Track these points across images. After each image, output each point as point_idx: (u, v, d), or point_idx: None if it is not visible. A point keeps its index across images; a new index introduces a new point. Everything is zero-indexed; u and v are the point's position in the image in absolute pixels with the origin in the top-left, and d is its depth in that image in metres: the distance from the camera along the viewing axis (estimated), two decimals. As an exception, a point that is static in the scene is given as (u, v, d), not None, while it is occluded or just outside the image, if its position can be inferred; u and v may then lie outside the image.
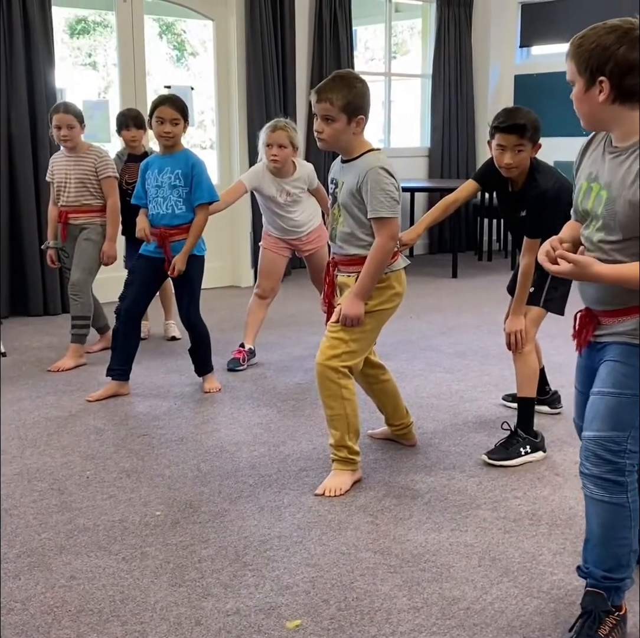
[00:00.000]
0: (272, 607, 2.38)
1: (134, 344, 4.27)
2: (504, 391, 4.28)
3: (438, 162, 8.79)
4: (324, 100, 2.96)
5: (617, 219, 2.05)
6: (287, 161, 4.54)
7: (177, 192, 4.07)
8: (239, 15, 7.01)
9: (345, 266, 3.18)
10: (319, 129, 3.01)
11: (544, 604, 2.38)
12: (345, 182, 3.08)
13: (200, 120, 9.43)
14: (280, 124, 4.52)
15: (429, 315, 6.01)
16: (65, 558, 2.65)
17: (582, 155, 2.25)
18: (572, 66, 2.06)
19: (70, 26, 10.60)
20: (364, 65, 10.31)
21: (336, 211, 3.13)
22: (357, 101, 2.98)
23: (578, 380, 2.38)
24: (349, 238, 3.11)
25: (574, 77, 2.06)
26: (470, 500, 3.06)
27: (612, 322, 2.16)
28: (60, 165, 4.78)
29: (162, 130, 4.02)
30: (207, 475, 3.29)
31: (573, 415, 2.43)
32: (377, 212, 3.00)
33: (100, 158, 4.75)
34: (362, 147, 3.08)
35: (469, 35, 8.78)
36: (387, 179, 3.00)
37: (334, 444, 3.17)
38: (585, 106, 2.08)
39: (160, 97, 4.17)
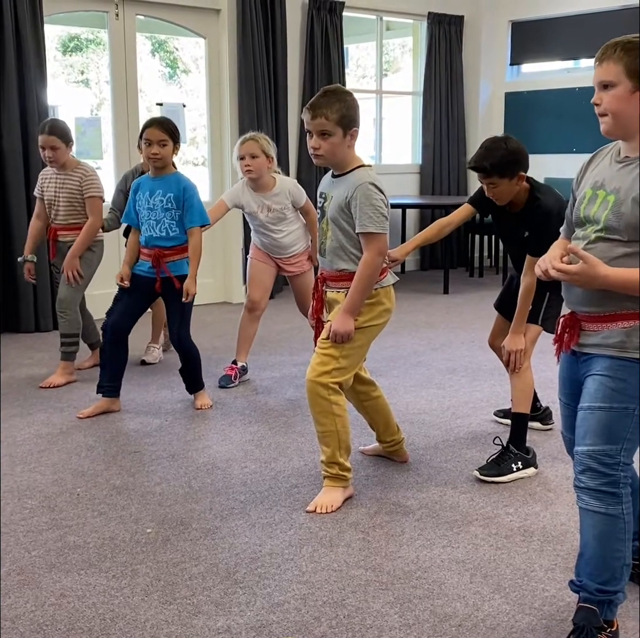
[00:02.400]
0: (263, 624, 2.37)
1: (122, 360, 4.25)
2: (496, 407, 4.29)
3: (429, 179, 8.83)
4: (319, 115, 2.99)
5: (624, 219, 2.09)
6: (262, 171, 4.48)
7: (170, 215, 4.09)
8: (230, 33, 7.04)
9: (334, 282, 3.18)
10: (316, 145, 3.02)
11: (535, 621, 2.38)
12: (334, 197, 3.09)
13: (193, 137, 9.48)
14: (249, 135, 4.54)
15: (421, 331, 6.02)
16: (55, 576, 2.64)
17: (585, 169, 2.30)
18: (616, 68, 2.09)
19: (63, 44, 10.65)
20: (355, 83, 10.39)
21: (325, 225, 3.15)
22: (350, 114, 3.03)
23: (562, 392, 2.39)
24: (338, 252, 3.12)
25: (619, 78, 2.09)
26: (462, 516, 3.05)
27: (596, 329, 2.17)
28: (50, 182, 4.77)
29: (150, 152, 4.03)
30: (198, 492, 3.28)
31: (562, 429, 2.44)
32: (365, 227, 3.01)
33: (86, 177, 4.70)
34: (354, 162, 3.11)
35: (459, 53, 8.84)
36: (377, 194, 3.02)
37: (325, 461, 3.17)
38: (626, 108, 2.10)
39: (149, 120, 4.17)
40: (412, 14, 8.55)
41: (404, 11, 8.48)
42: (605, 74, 2.12)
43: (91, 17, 6.73)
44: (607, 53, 2.12)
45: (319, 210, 3.21)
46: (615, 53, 2.10)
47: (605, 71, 2.12)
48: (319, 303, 3.26)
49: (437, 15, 8.55)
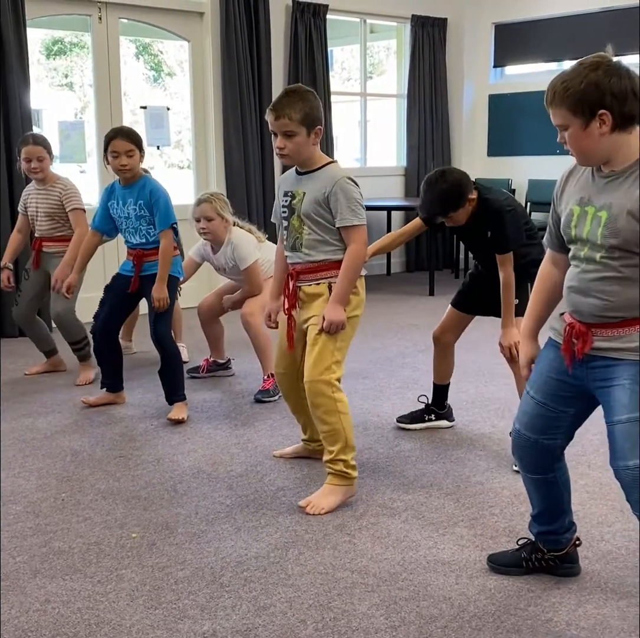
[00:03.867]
0: (249, 628, 2.36)
1: (116, 358, 4.35)
2: (480, 408, 4.30)
3: (414, 181, 8.83)
4: (282, 116, 3.01)
5: (622, 235, 2.10)
6: (217, 233, 4.51)
7: (145, 220, 4.11)
8: (214, 36, 7.04)
9: (312, 274, 3.18)
10: (281, 145, 3.05)
11: (521, 621, 2.38)
12: (307, 193, 3.11)
13: (178, 140, 9.45)
14: (203, 196, 4.55)
15: (407, 333, 6.02)
16: (40, 582, 2.63)
17: (564, 183, 2.32)
18: (561, 112, 2.11)
19: (47, 47, 10.61)
20: (340, 86, 10.39)
21: (295, 222, 3.16)
22: (313, 113, 3.05)
23: (541, 391, 2.37)
24: (318, 244, 3.13)
25: (567, 120, 2.11)
26: (448, 517, 3.06)
27: (612, 334, 2.18)
28: (32, 197, 4.80)
29: (119, 164, 4.02)
30: (184, 496, 3.27)
31: (519, 427, 2.44)
32: (349, 220, 3.06)
33: (65, 191, 4.72)
34: (321, 159, 3.16)
35: (443, 55, 8.87)
36: (355, 187, 3.10)
37: (331, 458, 3.13)
38: (586, 143, 2.13)
39: (112, 131, 4.15)
40: (395, 16, 8.57)
41: (388, 14, 8.49)
42: (555, 119, 2.14)
43: (74, 21, 6.71)
44: (549, 99, 2.13)
45: (285, 208, 3.20)
46: (555, 98, 2.11)
47: (555, 116, 2.14)
48: (292, 300, 3.24)
49: (421, 17, 8.57)
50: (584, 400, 2.34)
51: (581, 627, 2.34)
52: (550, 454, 2.43)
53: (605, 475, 3.41)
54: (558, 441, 2.42)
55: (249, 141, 7.23)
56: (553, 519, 2.54)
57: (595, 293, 2.18)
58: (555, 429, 2.39)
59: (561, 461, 2.48)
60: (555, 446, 2.42)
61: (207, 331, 4.91)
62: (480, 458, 3.64)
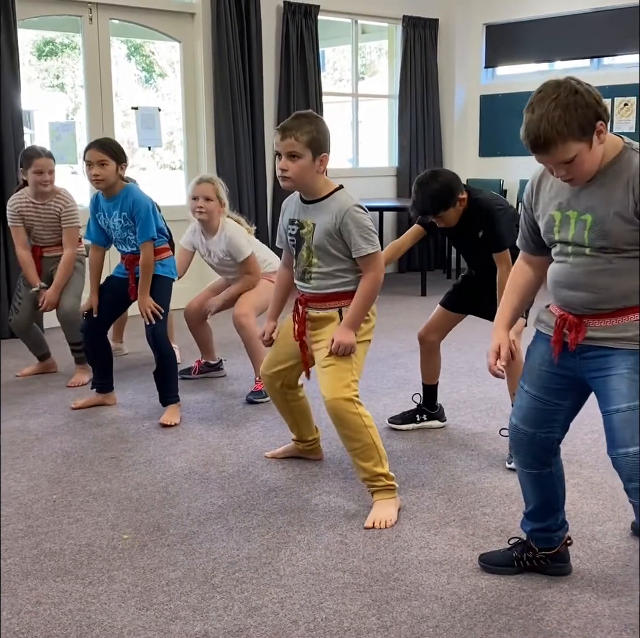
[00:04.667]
0: (240, 628, 2.36)
1: (105, 358, 4.37)
2: (472, 408, 4.31)
3: (406, 181, 8.84)
4: (288, 136, 2.95)
5: (612, 237, 2.11)
6: (212, 215, 4.49)
7: (132, 230, 4.12)
8: (205, 37, 7.04)
9: (321, 303, 3.15)
10: (284, 166, 2.98)
11: (512, 620, 2.38)
12: (318, 224, 3.06)
13: (169, 141, 9.44)
14: (206, 177, 4.56)
15: (399, 333, 6.03)
16: (31, 584, 2.62)
17: (537, 188, 2.33)
18: (566, 145, 2.05)
19: (38, 48, 10.59)
20: (332, 86, 10.39)
21: (305, 253, 3.11)
22: (320, 138, 2.99)
23: (535, 385, 2.39)
24: (326, 277, 3.10)
25: (575, 150, 2.06)
26: (439, 517, 3.06)
27: (605, 324, 2.19)
28: (29, 212, 4.76)
29: (91, 173, 4.03)
30: (176, 497, 3.27)
31: (516, 422, 2.44)
32: (365, 250, 3.02)
33: (67, 207, 4.75)
34: (327, 186, 3.09)
35: (434, 56, 8.87)
36: (364, 215, 3.06)
37: (369, 477, 3.07)
38: (593, 160, 2.11)
39: (90, 142, 4.19)
40: (387, 17, 8.58)
41: (379, 14, 8.49)
42: (560, 156, 2.08)
43: (65, 22, 6.69)
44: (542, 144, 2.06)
45: (293, 238, 3.16)
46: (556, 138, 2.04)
47: (558, 154, 2.08)
48: (302, 326, 3.20)
49: (412, 18, 8.58)
50: (577, 391, 2.36)
51: (572, 626, 2.35)
52: (547, 447, 2.45)
53: (596, 474, 3.41)
54: (555, 435, 2.43)
55: (240, 142, 7.22)
56: (547, 516, 2.55)
57: (586, 287, 2.19)
58: (551, 422, 2.40)
59: (557, 455, 2.49)
60: (552, 440, 2.44)
61: (195, 334, 4.89)
62: (472, 458, 3.64)
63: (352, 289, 3.09)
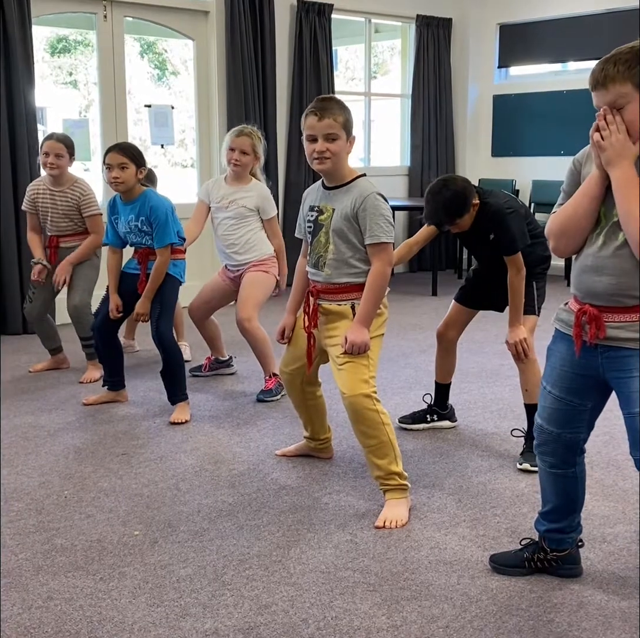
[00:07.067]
0: (250, 626, 2.37)
1: (116, 356, 4.37)
2: (483, 408, 4.30)
3: (418, 181, 8.84)
4: (327, 117, 2.97)
5: None
6: (247, 168, 4.51)
7: (149, 236, 4.14)
8: (219, 35, 7.04)
9: (333, 295, 3.14)
10: (323, 148, 2.97)
11: (522, 622, 2.38)
12: (337, 209, 3.05)
13: (182, 139, 9.46)
14: (246, 130, 4.54)
15: (409, 333, 6.03)
16: (43, 579, 2.63)
17: (587, 157, 2.28)
18: (623, 88, 2.07)
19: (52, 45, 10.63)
20: (344, 85, 10.40)
21: (322, 239, 3.10)
22: (351, 120, 3.04)
23: (559, 387, 2.39)
24: (340, 265, 3.08)
25: (630, 97, 2.08)
26: (450, 517, 3.06)
27: (624, 319, 2.18)
28: (45, 198, 4.78)
29: (111, 176, 4.05)
30: (186, 494, 3.28)
31: (542, 422, 2.44)
32: (378, 237, 3.00)
33: (84, 196, 4.75)
34: (351, 173, 3.10)
35: (448, 55, 8.86)
36: (384, 204, 3.04)
37: (383, 475, 3.07)
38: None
39: (111, 145, 4.20)
40: (400, 16, 8.57)
41: (393, 14, 8.48)
42: (611, 96, 2.09)
43: (79, 19, 6.71)
44: (600, 79, 2.09)
45: (310, 224, 3.16)
46: (615, 75, 2.07)
47: (610, 95, 2.09)
48: (314, 319, 3.18)
49: (426, 17, 8.57)
50: (599, 390, 2.37)
51: (583, 628, 2.34)
52: (573, 447, 2.45)
53: (608, 476, 3.41)
54: (581, 435, 2.44)
55: (253, 140, 7.21)
56: (564, 517, 2.54)
57: (612, 271, 2.17)
58: (577, 422, 2.41)
59: (582, 455, 2.50)
60: (578, 439, 2.44)
61: (202, 331, 4.86)
62: (483, 459, 3.64)
63: (364, 281, 3.08)
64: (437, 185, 3.51)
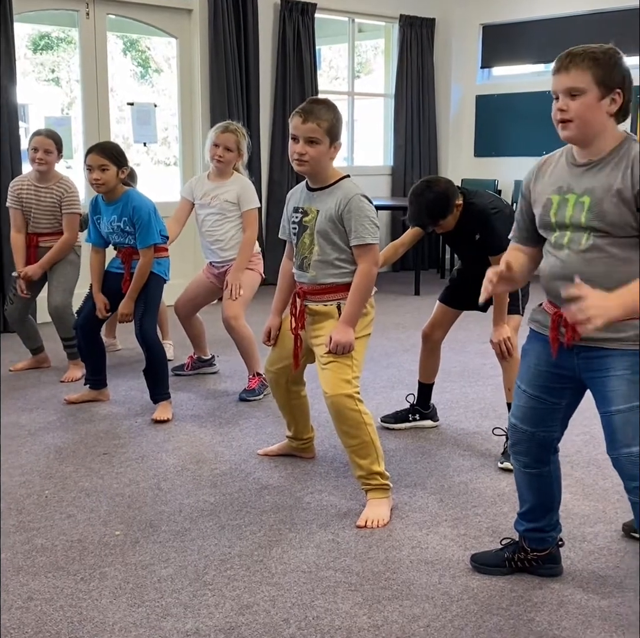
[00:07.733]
0: (232, 626, 2.36)
1: (98, 354, 4.36)
2: (465, 408, 4.31)
3: (401, 180, 8.85)
4: (310, 121, 2.94)
5: (608, 218, 2.15)
6: (230, 165, 4.51)
7: (132, 235, 4.12)
8: (202, 34, 7.02)
9: (319, 296, 3.13)
10: (302, 151, 2.96)
11: (503, 621, 2.39)
12: (321, 210, 3.05)
13: (165, 137, 9.43)
14: (231, 126, 4.52)
15: (392, 332, 6.03)
16: (23, 579, 2.62)
17: (536, 176, 2.38)
18: (583, 76, 2.16)
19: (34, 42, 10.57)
20: (328, 85, 10.39)
21: (307, 240, 3.10)
22: (338, 126, 3.01)
23: (532, 385, 2.40)
24: (325, 266, 3.08)
25: (587, 85, 2.16)
26: (431, 517, 3.07)
27: None
28: (30, 193, 4.75)
29: (92, 177, 4.03)
30: (168, 494, 3.27)
31: (515, 421, 2.45)
32: (363, 238, 3.00)
33: (68, 194, 4.73)
34: (335, 174, 3.09)
35: (431, 55, 8.87)
36: (369, 205, 3.04)
37: (365, 474, 3.08)
38: (592, 115, 2.18)
39: (91, 146, 4.17)
40: (383, 16, 8.57)
41: (376, 13, 8.49)
42: (570, 81, 2.17)
43: (62, 16, 6.67)
44: (575, 61, 2.17)
45: (295, 225, 3.15)
46: (583, 62, 2.16)
47: (570, 79, 2.17)
48: (300, 320, 3.18)
49: (409, 17, 8.58)
50: (574, 389, 2.38)
51: (563, 627, 2.36)
52: (547, 446, 2.47)
53: (588, 475, 3.43)
54: (554, 433, 2.46)
55: (236, 139, 7.20)
56: (542, 516, 2.56)
57: (581, 276, 2.18)
58: (551, 421, 2.42)
59: (556, 454, 2.51)
60: (552, 438, 2.46)
61: (187, 328, 4.86)
62: (464, 458, 3.65)
63: (350, 281, 3.08)
64: (420, 187, 3.52)
